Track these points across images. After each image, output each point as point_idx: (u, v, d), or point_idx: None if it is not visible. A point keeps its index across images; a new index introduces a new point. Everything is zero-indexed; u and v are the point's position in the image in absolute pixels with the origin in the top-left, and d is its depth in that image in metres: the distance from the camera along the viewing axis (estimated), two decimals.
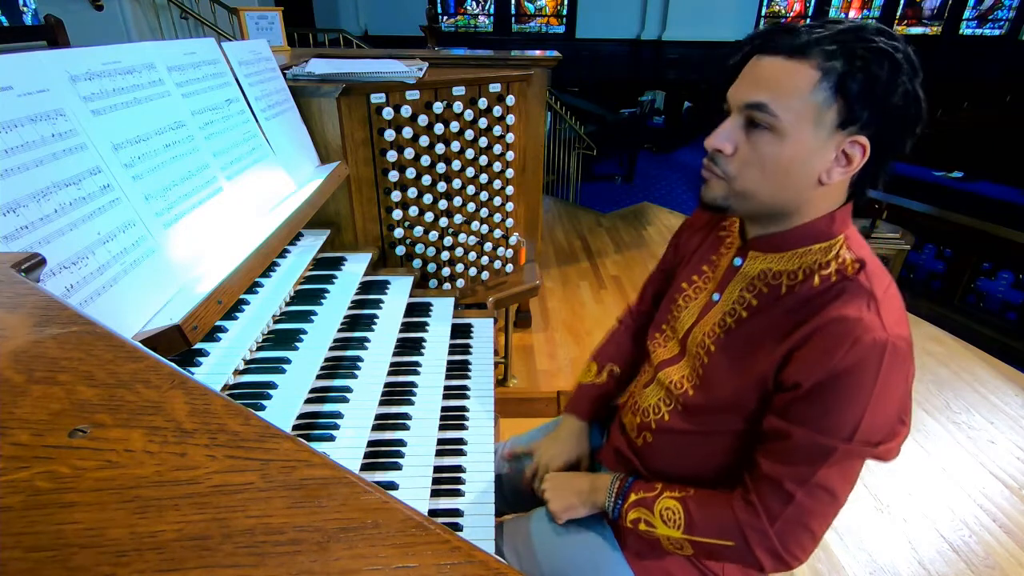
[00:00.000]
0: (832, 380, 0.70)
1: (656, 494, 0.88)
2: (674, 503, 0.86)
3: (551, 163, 5.54)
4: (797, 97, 0.71)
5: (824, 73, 0.69)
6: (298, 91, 1.41)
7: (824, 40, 0.70)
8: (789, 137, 0.72)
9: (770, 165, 0.75)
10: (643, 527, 0.88)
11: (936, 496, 2.00)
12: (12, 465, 0.32)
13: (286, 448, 0.34)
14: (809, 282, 0.77)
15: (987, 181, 5.38)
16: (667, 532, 0.85)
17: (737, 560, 0.83)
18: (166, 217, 0.88)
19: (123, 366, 0.40)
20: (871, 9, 9.82)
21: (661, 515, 0.86)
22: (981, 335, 3.37)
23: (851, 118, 0.70)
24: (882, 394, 0.70)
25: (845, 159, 0.73)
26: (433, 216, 1.62)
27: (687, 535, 0.84)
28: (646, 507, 0.88)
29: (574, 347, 2.80)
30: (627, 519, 0.90)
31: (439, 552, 0.29)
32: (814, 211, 0.78)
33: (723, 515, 0.82)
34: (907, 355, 0.71)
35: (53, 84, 0.76)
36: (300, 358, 0.96)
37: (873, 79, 0.68)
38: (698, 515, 0.84)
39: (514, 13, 9.73)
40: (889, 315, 0.71)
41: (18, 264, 0.55)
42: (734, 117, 0.77)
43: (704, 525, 0.83)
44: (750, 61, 0.76)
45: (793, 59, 0.71)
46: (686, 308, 0.95)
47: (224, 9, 5.47)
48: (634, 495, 0.90)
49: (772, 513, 0.77)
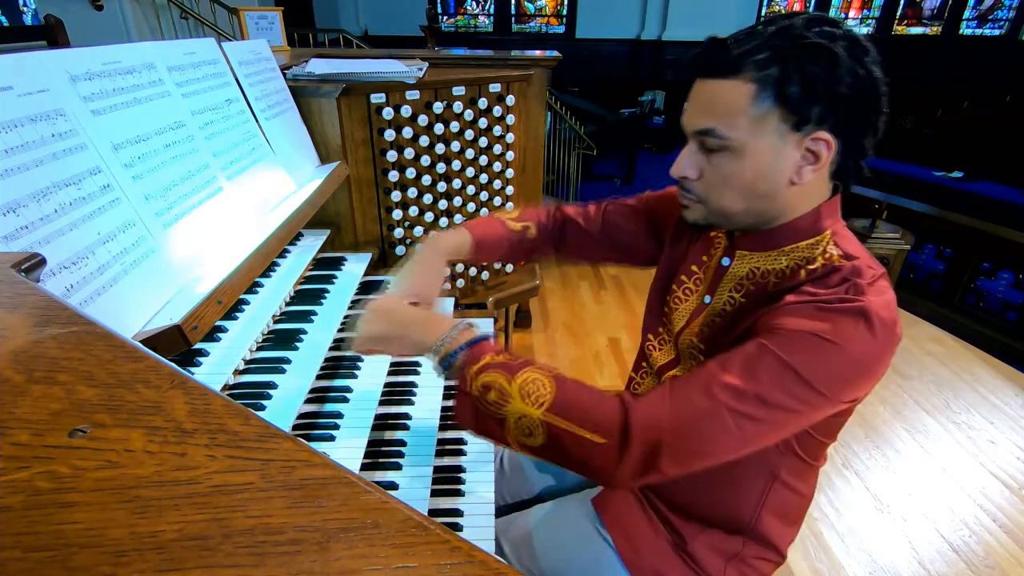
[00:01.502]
0: (805, 326, 0.67)
1: (522, 363, 0.73)
2: (544, 377, 0.71)
3: (551, 163, 5.54)
4: (740, 115, 0.71)
5: (760, 84, 0.69)
6: (298, 91, 1.41)
7: (753, 51, 0.69)
8: (746, 153, 0.72)
9: (736, 182, 0.74)
10: (492, 396, 0.70)
11: (936, 496, 2.00)
12: (12, 465, 0.32)
13: (286, 448, 0.34)
14: (795, 277, 0.76)
15: (987, 181, 5.38)
16: (522, 408, 0.69)
17: (590, 463, 0.69)
18: (166, 217, 0.88)
19: (123, 366, 0.40)
20: (871, 9, 9.82)
21: (522, 387, 0.70)
22: (981, 335, 3.37)
23: (802, 119, 0.69)
24: (846, 351, 0.66)
25: (812, 156, 0.72)
26: (433, 216, 1.62)
27: (547, 415, 0.68)
28: (508, 372, 0.71)
29: (574, 347, 2.80)
30: (474, 382, 0.71)
31: (439, 552, 0.29)
32: (796, 210, 0.78)
33: (603, 403, 0.70)
34: (882, 330, 0.67)
35: (53, 84, 0.76)
36: (300, 358, 0.96)
37: (812, 77, 0.67)
38: (572, 396, 0.70)
39: (514, 13, 9.73)
40: (876, 298, 0.68)
41: (18, 264, 0.55)
42: (691, 143, 0.77)
43: (576, 409, 0.69)
44: (694, 84, 0.76)
45: (727, 78, 0.71)
46: (677, 309, 0.94)
47: (224, 9, 5.47)
48: (491, 356, 0.73)
49: (684, 410, 0.68)
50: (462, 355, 0.74)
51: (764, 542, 0.91)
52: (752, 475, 0.86)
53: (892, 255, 3.49)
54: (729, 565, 0.92)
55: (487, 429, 0.73)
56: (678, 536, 0.93)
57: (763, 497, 0.87)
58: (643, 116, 8.02)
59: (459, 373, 0.73)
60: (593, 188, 6.24)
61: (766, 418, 0.67)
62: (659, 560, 0.93)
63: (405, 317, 0.80)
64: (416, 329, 0.78)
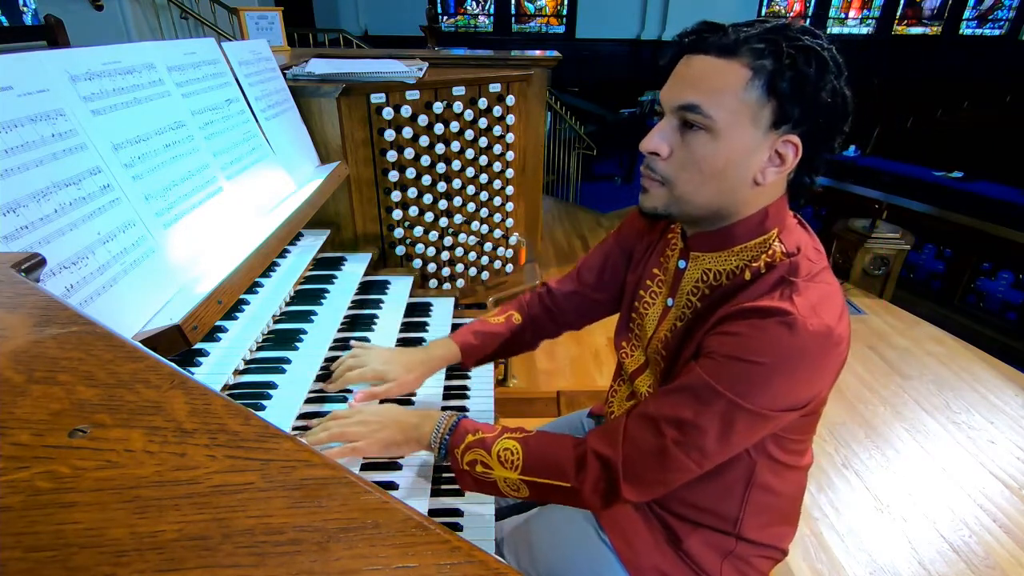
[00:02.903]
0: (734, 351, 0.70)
1: (496, 435, 0.85)
2: (513, 443, 0.83)
3: (551, 163, 5.54)
4: (729, 96, 0.71)
5: (755, 72, 0.70)
6: (298, 91, 1.41)
7: (752, 39, 0.70)
8: (723, 137, 0.72)
9: (706, 166, 0.74)
10: (480, 469, 0.84)
11: (936, 496, 2.00)
12: (12, 465, 0.32)
13: (286, 448, 0.34)
14: (741, 277, 0.77)
15: (987, 181, 5.38)
16: (504, 474, 0.82)
17: (566, 500, 0.83)
18: (166, 217, 0.88)
19: (123, 366, 0.40)
20: (871, 9, 9.81)
21: (499, 456, 0.83)
22: (981, 335, 3.37)
23: (783, 117, 0.71)
24: (777, 368, 0.69)
25: (779, 159, 0.73)
26: (433, 216, 1.62)
27: (523, 476, 0.82)
28: (484, 448, 0.84)
29: (574, 347, 2.80)
30: (463, 460, 0.84)
31: (439, 552, 0.29)
32: (748, 209, 0.79)
33: (560, 454, 0.81)
34: (809, 337, 0.68)
35: (53, 84, 0.76)
36: (300, 358, 0.96)
37: (802, 77, 0.68)
38: (536, 454, 0.82)
39: (514, 13, 9.72)
40: (805, 302, 0.69)
41: (18, 264, 0.55)
42: (668, 119, 0.76)
43: (541, 465, 0.81)
44: (681, 61, 0.76)
45: (723, 58, 0.71)
46: (647, 315, 0.95)
47: (224, 9, 5.46)
48: (471, 436, 0.85)
49: (635, 447, 0.76)
50: (449, 441, 0.86)
51: (754, 542, 0.91)
52: (732, 478, 0.86)
53: (892, 255, 3.49)
54: (725, 562, 0.91)
55: (487, 490, 0.87)
56: (673, 535, 0.93)
57: (744, 499, 0.87)
58: (643, 116, 8.01)
59: (451, 455, 0.86)
60: (593, 188, 6.24)
61: (712, 444, 0.73)
62: (657, 559, 0.93)
63: (407, 421, 0.90)
64: (418, 431, 0.89)
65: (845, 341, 0.72)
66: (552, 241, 4.17)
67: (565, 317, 1.14)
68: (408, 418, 0.91)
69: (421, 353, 1.07)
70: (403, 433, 0.89)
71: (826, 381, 0.76)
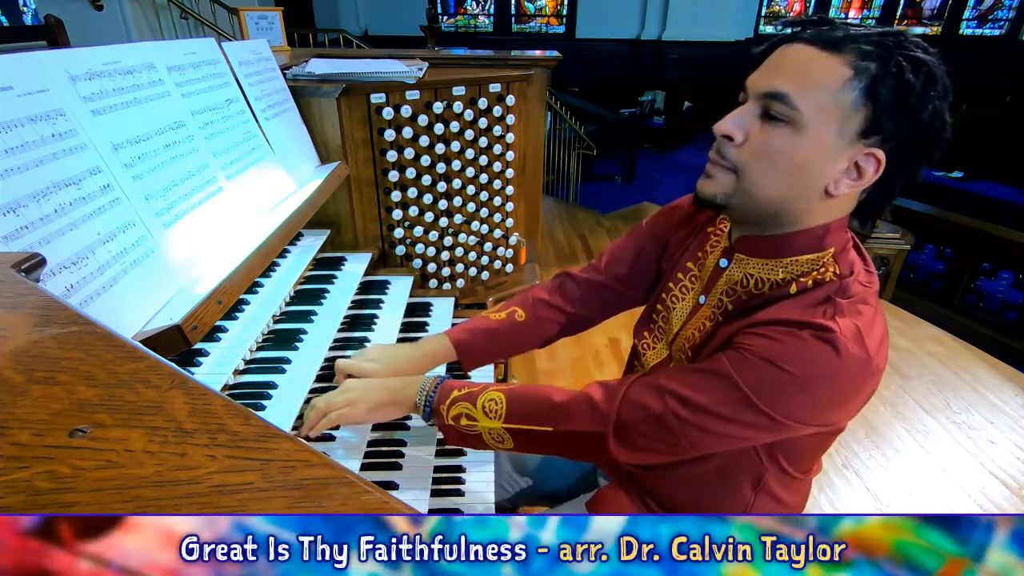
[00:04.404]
0: (766, 354, 0.69)
1: (482, 388, 0.87)
2: (498, 394, 0.85)
3: (551, 163, 5.54)
4: (823, 91, 0.66)
5: (856, 72, 0.65)
6: (298, 91, 1.41)
7: (861, 38, 0.65)
8: (806, 133, 0.67)
9: (781, 161, 0.69)
10: (465, 422, 0.85)
11: (936, 496, 2.00)
12: (12, 465, 0.32)
13: (286, 448, 0.34)
14: (785, 290, 0.74)
15: (987, 181, 5.38)
16: (488, 424, 0.84)
17: (551, 450, 0.85)
18: (166, 217, 0.88)
19: (123, 366, 0.40)
20: (871, 9, 9.81)
21: (484, 407, 0.84)
22: (981, 335, 3.37)
23: (874, 127, 0.66)
24: (806, 383, 0.67)
25: (856, 172, 0.69)
26: (433, 216, 1.62)
27: (506, 424, 0.83)
28: (470, 401, 0.85)
29: (574, 347, 2.80)
30: (448, 415, 0.85)
31: None
32: (811, 222, 0.74)
33: (545, 399, 0.83)
34: (849, 360, 0.66)
35: (53, 84, 0.76)
36: (300, 358, 0.96)
37: (907, 88, 0.64)
38: (520, 401, 0.83)
39: (514, 13, 9.72)
40: (850, 325, 0.66)
41: (18, 264, 0.55)
42: (750, 105, 0.71)
43: (523, 411, 0.83)
44: (778, 49, 0.71)
45: (826, 51, 0.66)
46: (674, 309, 0.92)
47: (224, 9, 5.46)
48: (457, 391, 0.87)
49: (633, 408, 0.76)
50: (434, 399, 0.87)
51: None
52: (740, 481, 0.85)
53: (892, 255, 3.49)
54: None
55: (471, 444, 0.88)
56: None
57: (749, 505, 0.86)
58: (643, 116, 8.02)
59: (436, 413, 0.87)
60: (593, 188, 6.24)
61: (714, 430, 0.72)
62: None
63: (392, 384, 0.92)
64: (404, 392, 0.90)
65: (880, 374, 0.69)
66: (552, 241, 4.17)
67: (588, 311, 1.09)
68: (393, 383, 0.92)
69: (411, 349, 1.05)
70: (389, 394, 0.90)
71: (850, 410, 0.73)
